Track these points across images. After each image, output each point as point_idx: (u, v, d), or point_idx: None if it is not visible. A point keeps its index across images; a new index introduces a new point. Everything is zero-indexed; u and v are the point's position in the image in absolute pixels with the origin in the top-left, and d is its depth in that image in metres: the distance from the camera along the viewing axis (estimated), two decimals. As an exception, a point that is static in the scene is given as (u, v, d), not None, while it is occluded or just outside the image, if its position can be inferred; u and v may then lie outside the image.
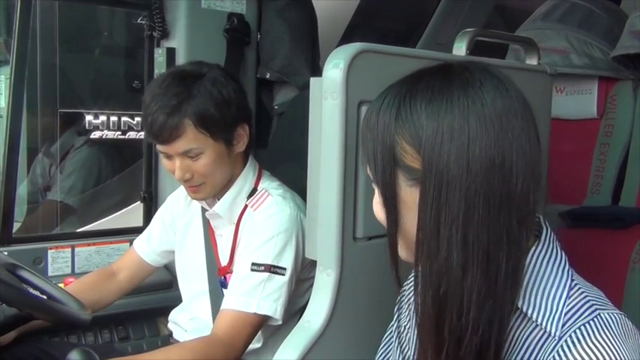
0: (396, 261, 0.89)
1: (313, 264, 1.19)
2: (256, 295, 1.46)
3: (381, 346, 1.14)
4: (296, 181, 1.57)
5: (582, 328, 0.79)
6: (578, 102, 1.85)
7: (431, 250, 0.80)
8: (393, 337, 1.12)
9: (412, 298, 1.06)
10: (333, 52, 1.10)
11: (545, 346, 0.81)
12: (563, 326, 0.81)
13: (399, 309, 1.13)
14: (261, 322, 1.48)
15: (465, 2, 2.81)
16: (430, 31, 2.84)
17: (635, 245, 1.60)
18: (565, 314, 0.81)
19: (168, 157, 1.52)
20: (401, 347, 1.09)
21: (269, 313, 1.47)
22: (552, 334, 0.81)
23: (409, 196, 0.83)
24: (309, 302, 1.18)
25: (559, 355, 0.79)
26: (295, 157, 1.71)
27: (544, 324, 0.82)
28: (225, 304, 1.49)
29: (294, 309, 1.54)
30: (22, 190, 2.55)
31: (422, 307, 0.83)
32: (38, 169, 2.70)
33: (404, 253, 0.89)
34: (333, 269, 1.13)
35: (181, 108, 1.46)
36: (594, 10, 1.83)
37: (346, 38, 2.84)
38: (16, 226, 2.19)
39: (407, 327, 1.07)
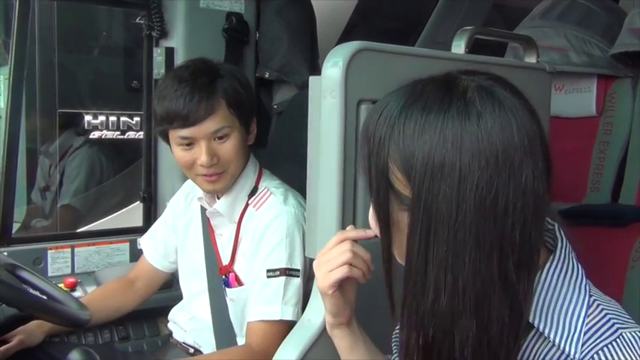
0: (390, 279, 0.86)
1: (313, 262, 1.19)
2: (278, 301, 1.46)
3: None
4: (295, 180, 1.56)
5: (605, 349, 0.75)
6: (577, 100, 1.84)
7: (417, 289, 0.76)
8: None
9: None
10: (332, 51, 1.10)
11: None
12: (582, 346, 0.77)
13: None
14: (289, 328, 1.47)
15: (463, 1, 2.81)
16: (429, 29, 2.84)
17: (635, 243, 1.59)
18: (585, 333, 0.77)
19: (190, 145, 1.49)
20: None
21: (293, 318, 1.46)
22: (572, 356, 0.77)
23: (401, 219, 0.79)
24: (310, 301, 1.18)
25: None
26: (295, 156, 1.71)
27: (562, 345, 0.78)
28: (252, 316, 1.49)
29: (295, 308, 1.54)
30: (21, 190, 2.56)
31: (406, 349, 0.79)
32: (38, 169, 2.70)
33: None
34: (333, 268, 1.13)
35: (214, 86, 1.48)
36: (593, 8, 1.83)
37: (345, 37, 2.84)
38: (16, 227, 2.19)
39: None
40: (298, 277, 1.49)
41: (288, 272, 1.48)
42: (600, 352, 0.75)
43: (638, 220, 1.64)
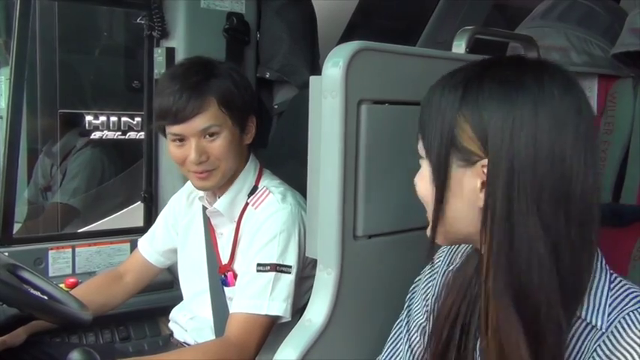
0: (434, 237, 0.91)
1: (315, 262, 1.19)
2: (265, 297, 1.46)
3: (389, 343, 1.13)
4: (296, 180, 1.57)
5: (631, 314, 0.81)
6: (578, 100, 1.84)
7: (502, 239, 0.82)
8: (401, 332, 1.11)
9: (428, 294, 1.06)
10: (332, 51, 1.10)
11: (590, 337, 0.83)
12: (609, 316, 0.82)
13: (409, 305, 1.13)
14: (272, 323, 1.48)
15: (464, 0, 2.81)
16: (430, 29, 2.83)
17: (636, 242, 1.59)
18: (609, 305, 0.83)
19: (181, 141, 1.51)
20: (410, 345, 1.09)
21: (279, 313, 1.47)
22: (599, 327, 0.82)
23: (458, 178, 0.85)
24: (310, 301, 1.18)
25: (608, 342, 0.80)
26: (295, 156, 1.71)
27: (589, 318, 0.83)
28: (236, 308, 1.49)
29: (296, 307, 1.54)
30: (22, 190, 2.56)
31: (497, 294, 0.84)
32: (39, 169, 2.70)
33: (441, 238, 0.91)
34: (333, 268, 1.13)
35: (206, 84, 1.50)
36: (594, 7, 1.82)
37: (346, 37, 2.84)
38: (17, 227, 2.19)
39: (420, 324, 1.07)
40: (290, 273, 1.49)
41: (278, 268, 1.48)
42: (627, 316, 0.81)
43: (639, 220, 1.64)
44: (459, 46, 1.29)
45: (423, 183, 0.90)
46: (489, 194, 0.82)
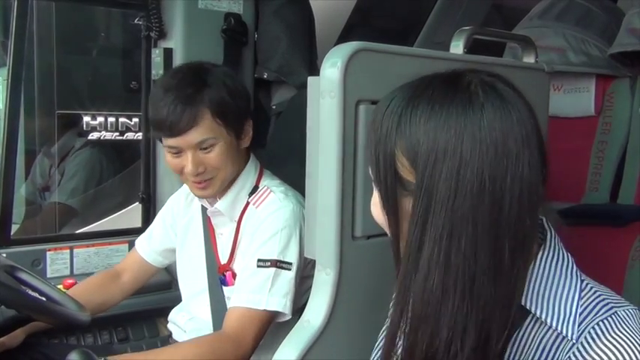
0: (399, 263, 0.88)
1: (315, 262, 1.19)
2: (264, 292, 1.46)
3: (376, 349, 1.13)
4: (295, 181, 1.57)
5: (600, 324, 0.79)
6: (575, 100, 1.85)
7: (410, 266, 0.80)
8: None
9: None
10: (330, 51, 1.10)
11: (561, 347, 0.81)
12: (579, 326, 0.80)
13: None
14: (271, 319, 1.48)
15: (462, 1, 2.81)
16: (427, 29, 2.84)
17: (634, 242, 1.60)
18: (580, 314, 0.81)
19: (178, 153, 1.51)
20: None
21: (278, 309, 1.47)
22: (569, 337, 0.80)
23: (405, 206, 0.83)
24: (309, 301, 1.18)
25: (578, 353, 0.78)
26: (294, 157, 1.71)
27: (559, 327, 0.81)
28: (234, 302, 1.49)
29: (295, 307, 1.54)
30: (20, 191, 2.55)
31: (394, 327, 0.83)
32: (37, 170, 2.70)
33: None
34: (332, 268, 1.13)
35: (199, 97, 1.48)
36: (591, 8, 1.83)
37: (344, 38, 2.84)
38: (15, 228, 2.19)
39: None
40: (290, 270, 1.49)
41: (278, 264, 1.48)
42: (596, 326, 0.79)
43: (637, 220, 1.64)
44: (457, 47, 1.29)
45: (377, 209, 0.88)
46: (409, 225, 0.81)
